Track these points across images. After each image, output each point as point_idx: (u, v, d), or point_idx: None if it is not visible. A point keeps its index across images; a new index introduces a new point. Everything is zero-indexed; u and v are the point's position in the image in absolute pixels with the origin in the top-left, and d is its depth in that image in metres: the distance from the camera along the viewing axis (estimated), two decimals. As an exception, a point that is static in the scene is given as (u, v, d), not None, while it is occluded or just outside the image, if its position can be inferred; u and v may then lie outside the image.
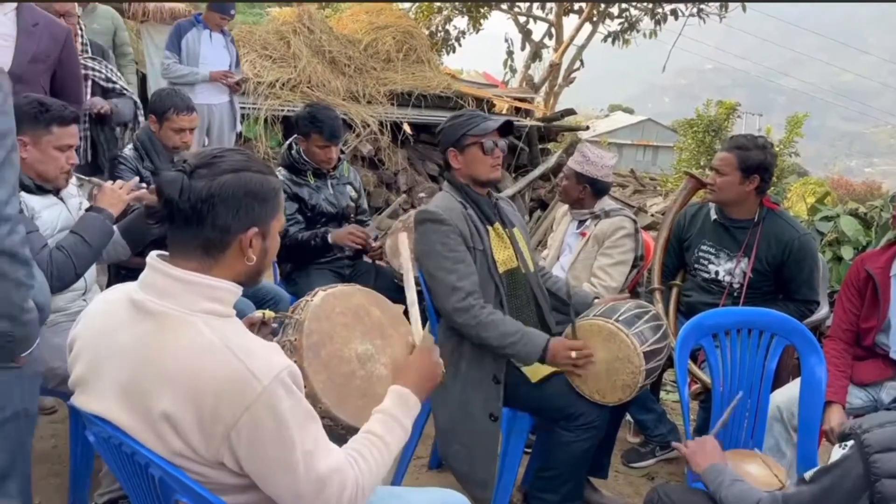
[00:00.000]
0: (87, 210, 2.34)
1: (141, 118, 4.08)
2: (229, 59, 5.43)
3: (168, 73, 5.26)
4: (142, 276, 1.31)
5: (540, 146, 8.51)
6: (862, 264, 2.59)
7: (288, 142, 3.41)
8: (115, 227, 2.38)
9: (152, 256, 1.31)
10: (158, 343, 1.23)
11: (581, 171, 3.19)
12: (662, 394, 3.72)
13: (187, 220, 1.26)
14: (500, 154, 2.47)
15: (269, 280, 3.38)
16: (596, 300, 2.62)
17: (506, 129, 2.48)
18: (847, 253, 3.99)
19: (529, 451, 2.81)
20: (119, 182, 2.39)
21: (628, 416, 3.14)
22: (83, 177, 2.56)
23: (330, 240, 3.17)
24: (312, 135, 3.23)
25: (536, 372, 2.38)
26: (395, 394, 1.51)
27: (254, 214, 1.30)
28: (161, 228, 1.31)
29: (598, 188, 3.23)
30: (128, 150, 3.10)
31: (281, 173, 3.29)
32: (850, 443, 1.46)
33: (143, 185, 2.47)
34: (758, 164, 2.87)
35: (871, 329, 2.51)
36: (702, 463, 1.85)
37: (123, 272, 2.88)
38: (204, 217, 1.26)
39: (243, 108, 5.94)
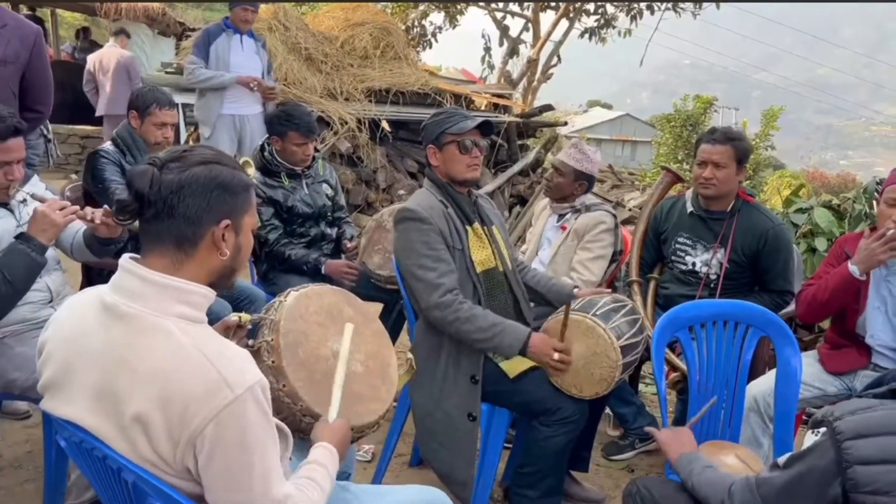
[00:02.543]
0: (16, 237, 2.19)
1: (53, 150, 3.97)
2: (261, 66, 5.14)
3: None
4: (113, 278, 1.29)
5: (519, 142, 8.52)
6: (842, 246, 2.63)
7: (260, 143, 3.38)
8: (68, 235, 2.28)
9: (125, 258, 1.29)
10: (131, 347, 1.21)
11: (581, 168, 3.21)
12: (641, 386, 3.75)
13: (158, 214, 1.25)
14: (479, 154, 2.45)
15: (246, 280, 3.35)
16: (575, 290, 2.63)
17: (487, 129, 2.48)
18: (821, 244, 4.04)
19: (510, 446, 2.82)
20: (58, 202, 2.23)
21: (608, 410, 3.16)
22: (27, 192, 2.36)
23: (324, 271, 3.17)
24: (289, 133, 3.20)
25: (514, 367, 2.37)
26: (328, 450, 1.49)
27: (225, 207, 1.29)
28: (120, 241, 1.29)
29: (592, 184, 3.28)
30: (108, 146, 3.06)
31: (255, 176, 3.26)
32: (823, 429, 1.47)
33: (88, 209, 2.27)
34: (748, 154, 2.94)
35: (852, 311, 2.55)
36: (675, 452, 1.87)
37: (105, 272, 2.83)
38: (175, 209, 1.25)
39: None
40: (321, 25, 7.64)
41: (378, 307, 3.34)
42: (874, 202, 4.18)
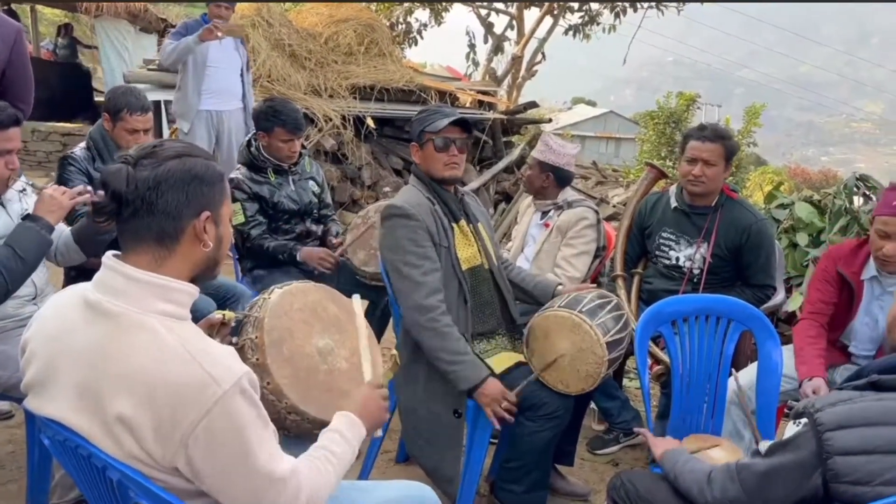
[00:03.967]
0: (23, 218, 2.22)
1: None
2: (240, 63, 5.16)
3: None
4: (97, 275, 1.28)
5: (504, 139, 8.53)
6: (834, 263, 2.57)
7: (246, 138, 3.36)
8: (53, 237, 2.26)
9: (108, 256, 1.28)
10: (115, 344, 1.21)
11: (543, 159, 3.22)
12: (625, 381, 3.78)
13: (136, 212, 1.24)
14: (458, 152, 2.43)
15: (231, 278, 3.34)
16: (559, 287, 2.64)
17: (467, 126, 2.46)
18: (802, 239, 4.09)
19: (496, 441, 2.83)
20: (60, 187, 2.26)
21: (593, 405, 3.19)
22: (26, 181, 2.39)
23: (299, 257, 3.15)
24: (275, 129, 3.18)
25: (500, 363, 2.39)
26: (346, 417, 1.51)
27: (203, 198, 1.29)
28: (112, 231, 1.28)
29: (561, 176, 3.26)
30: (79, 150, 2.98)
31: (240, 171, 3.25)
32: (804, 420, 1.50)
33: (89, 189, 2.32)
34: (735, 152, 2.97)
35: (840, 324, 2.57)
36: (660, 448, 1.90)
37: (73, 273, 2.80)
38: (154, 205, 1.24)
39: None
40: (305, 22, 7.61)
41: (363, 304, 3.33)
42: (853, 197, 4.24)
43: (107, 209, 1.25)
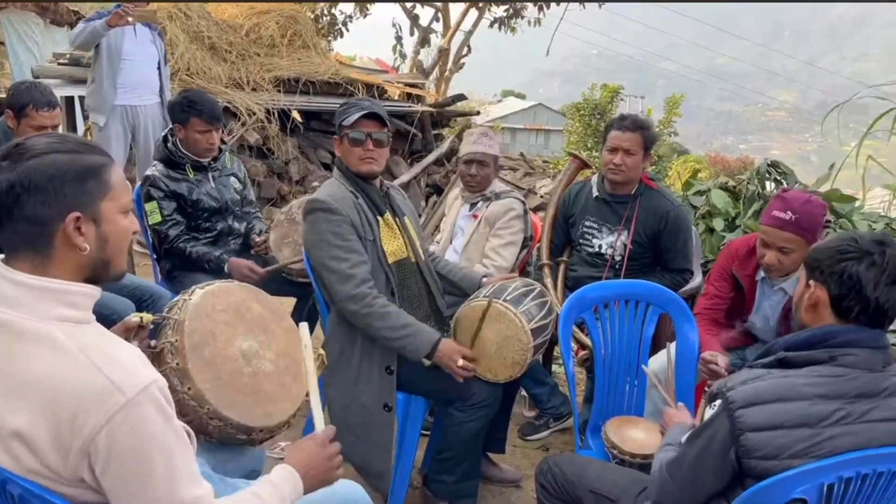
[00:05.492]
0: None
1: None
2: (157, 55, 4.92)
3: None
4: None
5: (433, 132, 8.53)
6: (731, 262, 2.62)
7: (163, 133, 3.25)
8: None
9: None
10: (8, 355, 1.13)
11: (495, 153, 3.27)
12: (555, 367, 3.84)
13: (0, 220, 1.16)
14: (374, 146, 2.39)
15: (150, 279, 3.23)
16: (484, 279, 2.65)
17: (383, 120, 2.41)
18: (718, 224, 4.24)
19: (428, 433, 2.84)
20: None
21: (523, 392, 3.23)
22: None
23: (226, 269, 3.07)
24: (192, 119, 3.08)
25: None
26: (286, 471, 1.41)
27: (67, 199, 1.18)
28: None
29: (499, 165, 3.35)
30: None
31: (157, 168, 3.13)
32: (719, 402, 1.56)
33: None
34: (654, 141, 3.05)
35: (739, 316, 2.67)
36: (670, 423, 1.96)
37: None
38: (11, 212, 1.15)
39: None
40: (224, 13, 7.41)
41: (290, 302, 3.28)
42: (766, 183, 4.43)
43: None
